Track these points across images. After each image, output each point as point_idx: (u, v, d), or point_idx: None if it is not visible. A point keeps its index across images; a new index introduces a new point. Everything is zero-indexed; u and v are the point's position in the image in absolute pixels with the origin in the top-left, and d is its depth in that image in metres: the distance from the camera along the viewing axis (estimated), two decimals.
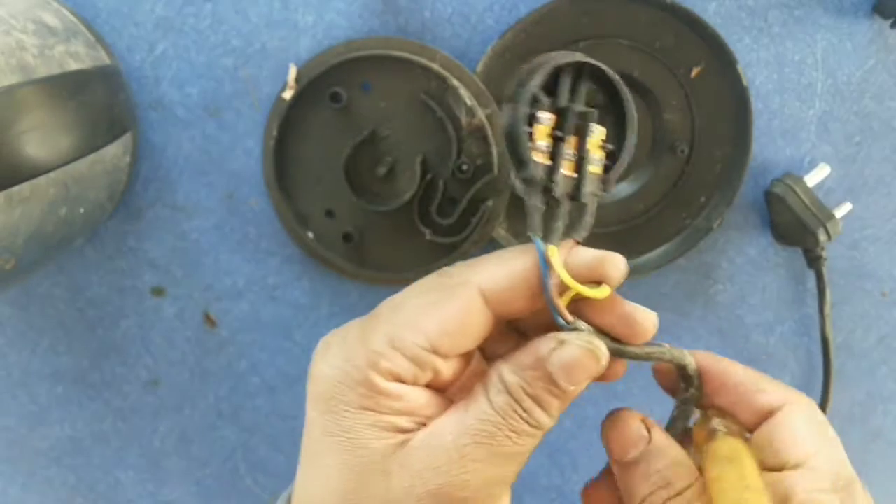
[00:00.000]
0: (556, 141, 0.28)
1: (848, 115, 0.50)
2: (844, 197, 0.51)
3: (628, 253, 0.50)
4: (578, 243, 0.27)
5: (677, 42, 0.47)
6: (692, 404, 0.31)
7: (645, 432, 0.29)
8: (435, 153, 0.46)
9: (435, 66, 0.45)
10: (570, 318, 0.26)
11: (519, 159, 0.27)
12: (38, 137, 0.37)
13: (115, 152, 0.46)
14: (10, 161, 0.35)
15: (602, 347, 0.26)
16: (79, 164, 0.41)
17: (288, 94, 0.45)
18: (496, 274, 0.25)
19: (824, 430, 0.28)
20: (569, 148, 0.28)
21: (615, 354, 0.28)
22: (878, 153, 0.50)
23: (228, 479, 0.59)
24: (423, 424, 0.25)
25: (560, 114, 0.28)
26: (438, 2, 0.48)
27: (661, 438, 0.28)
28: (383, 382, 0.24)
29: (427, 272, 0.39)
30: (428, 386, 0.25)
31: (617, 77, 0.28)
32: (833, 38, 0.48)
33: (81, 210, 0.43)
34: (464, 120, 0.45)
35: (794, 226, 0.49)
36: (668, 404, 0.58)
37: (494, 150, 0.45)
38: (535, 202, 0.27)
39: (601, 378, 0.28)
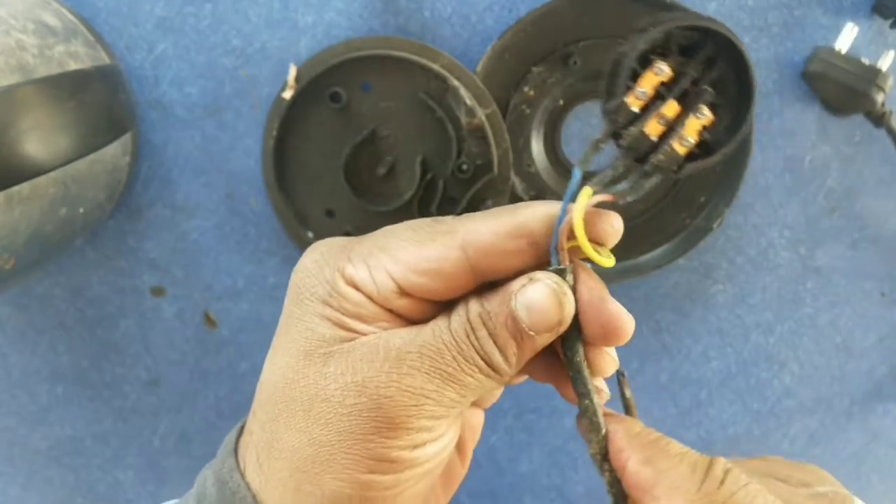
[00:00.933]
0: (659, 99, 0.25)
1: (848, 115, 0.50)
2: (844, 197, 0.51)
3: (628, 253, 0.50)
4: (613, 201, 0.25)
5: None
6: (618, 488, 0.26)
7: None
8: (435, 153, 0.47)
9: (436, 67, 0.45)
10: (566, 260, 0.24)
11: (610, 90, 0.25)
12: (38, 137, 0.37)
13: (115, 152, 0.46)
14: (9, 161, 0.35)
15: (569, 296, 0.24)
16: (78, 164, 0.41)
17: (288, 94, 0.45)
18: (482, 227, 0.24)
19: None
20: (668, 112, 0.25)
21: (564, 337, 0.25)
22: (878, 153, 0.51)
23: None
24: None
25: (677, 77, 0.25)
26: (438, 2, 0.48)
27: None
28: (343, 286, 0.25)
29: None
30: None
31: (756, 80, 0.26)
32: (832, 39, 0.48)
33: (81, 210, 0.44)
34: (464, 120, 0.45)
35: (844, 95, 0.47)
36: (666, 412, 0.58)
37: (494, 150, 0.45)
38: (600, 138, 0.25)
39: (550, 380, 0.28)
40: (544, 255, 0.24)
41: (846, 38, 0.46)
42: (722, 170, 0.49)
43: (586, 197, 0.24)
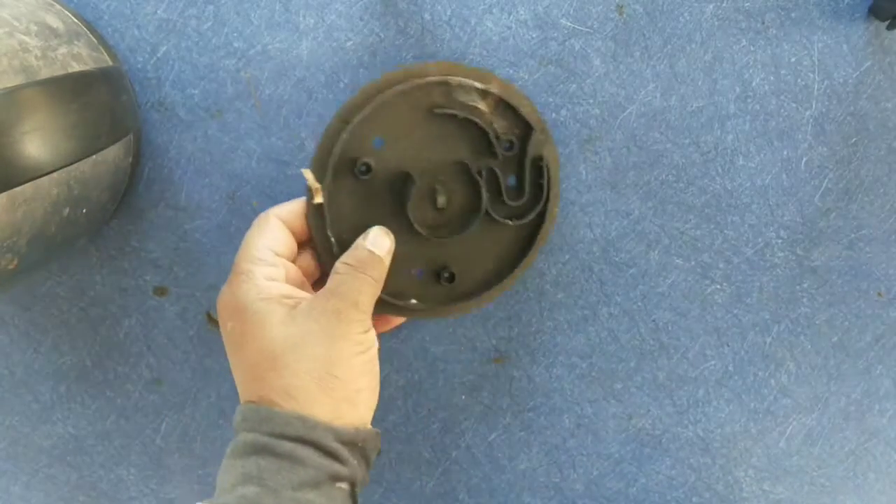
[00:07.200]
0: None
1: (844, 117, 0.50)
2: (841, 198, 0.52)
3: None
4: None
5: None
6: None
7: None
8: (474, 151, 0.44)
9: (434, 79, 0.43)
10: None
11: None
12: (41, 138, 0.37)
13: (118, 153, 0.46)
14: (12, 162, 0.35)
15: (390, 233, 0.42)
16: (81, 165, 0.41)
17: (319, 198, 0.43)
18: (284, 209, 0.41)
19: None
20: None
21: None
22: (874, 154, 0.51)
23: None
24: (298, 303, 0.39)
25: None
26: (438, 4, 0.48)
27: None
28: (264, 280, 0.39)
29: (527, 264, 0.47)
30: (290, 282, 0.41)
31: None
32: (829, 40, 0.49)
33: (84, 210, 0.44)
34: (482, 104, 0.44)
35: None
36: (664, 410, 0.58)
37: (523, 111, 0.44)
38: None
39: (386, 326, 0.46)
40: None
41: None
42: None
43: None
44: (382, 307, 0.44)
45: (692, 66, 0.49)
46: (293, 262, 0.41)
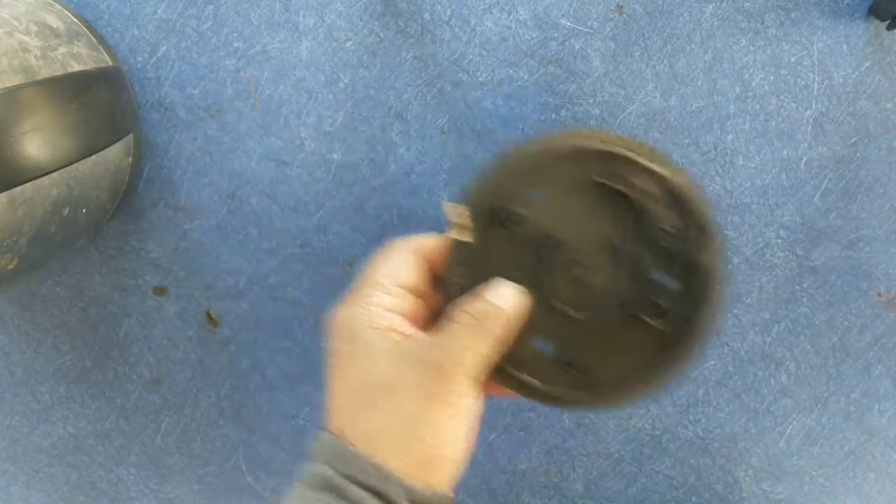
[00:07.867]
0: None
1: (844, 117, 0.50)
2: (841, 198, 0.52)
3: None
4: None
5: None
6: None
7: None
8: (631, 234, 0.39)
9: (616, 150, 0.38)
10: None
11: None
12: (41, 138, 0.37)
13: (118, 153, 0.46)
14: (12, 162, 0.36)
15: (523, 292, 0.38)
16: (81, 165, 0.42)
17: (460, 237, 0.39)
18: (422, 241, 0.39)
19: None
20: None
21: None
22: (874, 154, 0.51)
23: (230, 476, 0.59)
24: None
25: None
26: (438, 4, 0.48)
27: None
28: (378, 308, 0.37)
29: (669, 378, 0.40)
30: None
31: None
32: (829, 40, 0.49)
33: (84, 210, 0.44)
34: (654, 188, 0.38)
35: None
36: (664, 410, 0.58)
37: (697, 208, 0.38)
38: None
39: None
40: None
41: None
42: None
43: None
44: (501, 376, 0.39)
45: (692, 66, 0.49)
46: (421, 297, 0.38)
